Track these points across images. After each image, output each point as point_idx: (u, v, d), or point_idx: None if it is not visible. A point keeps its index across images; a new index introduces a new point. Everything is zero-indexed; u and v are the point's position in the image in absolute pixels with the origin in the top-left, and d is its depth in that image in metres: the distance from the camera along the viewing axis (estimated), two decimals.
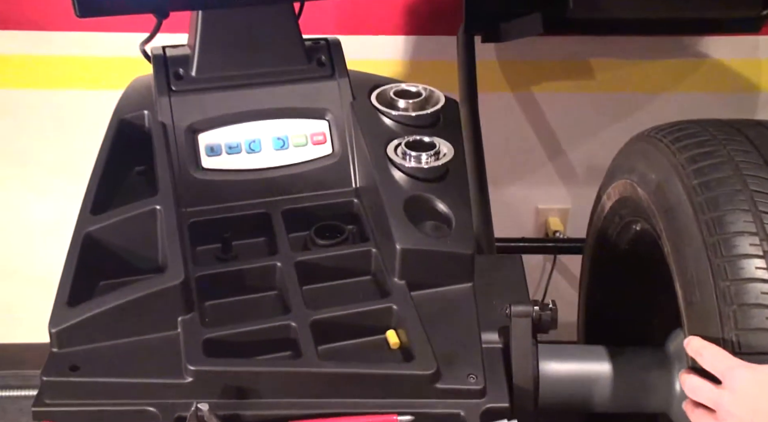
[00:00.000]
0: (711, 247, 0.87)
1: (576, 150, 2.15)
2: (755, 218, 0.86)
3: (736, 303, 0.83)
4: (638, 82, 2.03)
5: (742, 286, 0.83)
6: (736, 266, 0.84)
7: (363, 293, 1.05)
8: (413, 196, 1.08)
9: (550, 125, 2.13)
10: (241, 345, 0.96)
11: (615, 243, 1.27)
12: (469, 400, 0.92)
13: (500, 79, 2.03)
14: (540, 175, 2.19)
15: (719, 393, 0.82)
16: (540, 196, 2.24)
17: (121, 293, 0.96)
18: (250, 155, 1.17)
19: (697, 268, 0.88)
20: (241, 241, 1.12)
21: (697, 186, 0.93)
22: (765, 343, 0.81)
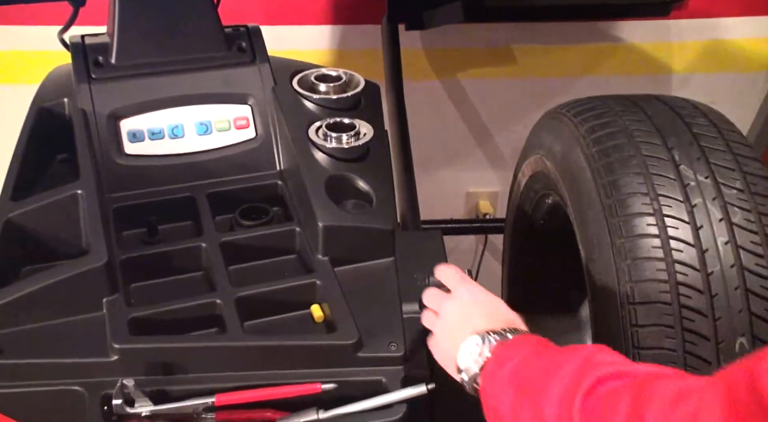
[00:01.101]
0: (608, 208, 0.93)
1: (503, 134, 2.21)
2: (647, 180, 0.93)
3: (630, 257, 0.89)
4: (558, 66, 2.10)
5: (636, 242, 0.89)
6: (630, 224, 0.90)
7: (288, 271, 1.08)
8: (334, 175, 1.11)
9: (477, 111, 2.19)
10: (166, 324, 0.98)
11: (531, 218, 1.33)
12: (390, 367, 0.96)
13: (426, 67, 2.08)
14: (469, 159, 2.25)
15: (445, 300, 0.90)
16: (470, 180, 2.30)
17: (45, 275, 0.96)
18: (174, 140, 1.18)
19: (597, 228, 0.94)
20: (167, 225, 1.14)
21: (595, 153, 0.99)
22: (656, 293, 0.87)
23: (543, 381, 0.73)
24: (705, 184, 0.92)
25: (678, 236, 0.88)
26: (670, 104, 1.07)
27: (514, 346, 0.81)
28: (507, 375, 0.78)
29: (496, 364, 0.80)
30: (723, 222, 0.89)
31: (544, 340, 0.80)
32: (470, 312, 0.88)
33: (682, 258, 0.87)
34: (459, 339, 0.85)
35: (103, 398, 0.92)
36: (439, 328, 0.91)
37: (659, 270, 0.87)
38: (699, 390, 0.58)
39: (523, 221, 1.35)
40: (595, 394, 0.66)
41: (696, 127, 1.00)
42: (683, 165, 0.94)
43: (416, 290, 1.07)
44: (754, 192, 0.91)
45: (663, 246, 0.88)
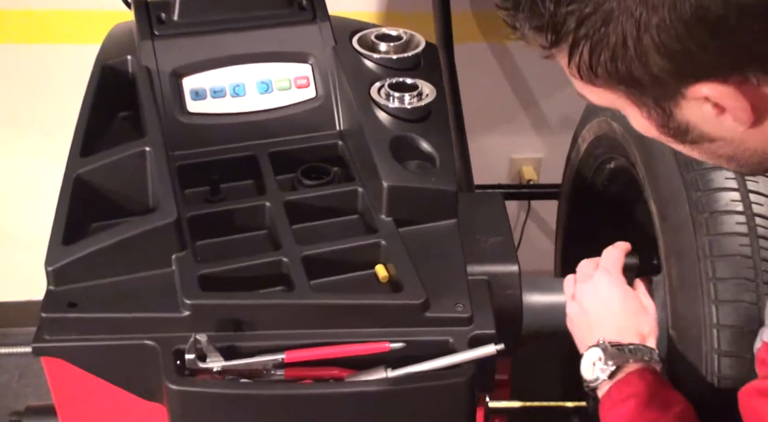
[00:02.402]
0: (683, 163, 0.92)
1: (548, 99, 2.18)
2: None
3: (708, 211, 0.88)
4: None
5: (713, 195, 0.88)
6: (706, 178, 0.89)
7: (351, 231, 1.08)
8: (398, 135, 1.11)
9: (523, 75, 2.16)
10: (234, 281, 0.99)
11: (591, 184, 1.31)
12: (457, 328, 0.96)
13: (474, 29, 2.05)
14: (513, 124, 2.23)
15: (582, 284, 1.00)
16: (514, 145, 2.27)
17: (116, 231, 0.97)
18: (235, 99, 1.18)
19: (671, 184, 0.93)
20: (229, 184, 1.15)
21: None
22: (735, 246, 0.86)
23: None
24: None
25: (757, 189, 0.88)
26: None
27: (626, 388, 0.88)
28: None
29: (609, 403, 0.89)
30: None
31: (647, 386, 0.87)
32: (602, 311, 0.96)
33: (761, 211, 0.86)
34: (586, 339, 0.95)
35: (176, 352, 0.94)
36: (573, 312, 1.00)
37: (738, 223, 0.86)
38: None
39: (581, 188, 1.33)
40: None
41: None
42: None
43: (480, 252, 1.07)
44: None
45: (742, 199, 0.87)
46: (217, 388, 0.92)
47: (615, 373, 0.91)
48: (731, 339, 0.84)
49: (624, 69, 0.60)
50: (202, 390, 0.92)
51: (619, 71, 0.60)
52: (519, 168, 2.32)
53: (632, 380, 0.88)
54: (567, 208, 1.41)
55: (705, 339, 0.86)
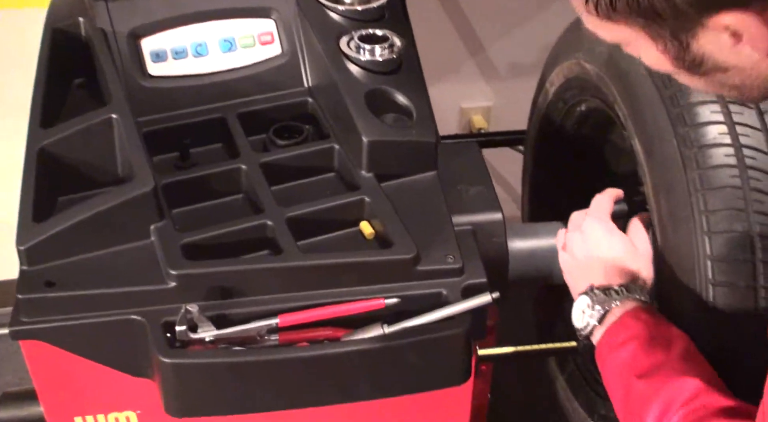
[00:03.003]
0: (668, 99, 0.92)
1: (496, 46, 2.17)
2: None
3: (697, 145, 0.89)
4: None
5: (701, 130, 0.89)
6: (693, 112, 0.90)
7: (331, 189, 1.06)
8: (372, 89, 1.08)
9: (469, 22, 2.13)
10: (218, 248, 0.96)
11: (559, 128, 1.31)
12: (449, 279, 0.96)
13: None
14: (462, 73, 2.21)
15: (572, 233, 1.01)
16: (463, 94, 2.26)
17: (90, 204, 0.93)
18: (198, 59, 1.13)
19: (657, 121, 0.93)
20: (198, 148, 1.10)
21: None
22: (726, 177, 0.87)
23: (646, 399, 0.81)
24: None
25: (744, 121, 0.88)
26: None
27: (623, 332, 0.88)
28: (616, 368, 0.87)
29: (606, 349, 0.89)
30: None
31: (644, 328, 0.87)
32: (590, 258, 0.97)
33: (749, 142, 0.87)
34: (578, 287, 0.96)
35: (165, 325, 0.91)
36: (564, 262, 1.00)
37: (727, 155, 0.87)
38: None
39: (549, 131, 1.33)
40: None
41: None
42: None
43: (463, 202, 1.07)
44: None
45: (729, 132, 0.88)
46: (213, 358, 0.90)
47: (605, 317, 0.91)
48: (725, 270, 0.85)
49: (646, 2, 0.59)
50: (196, 361, 0.90)
51: (640, 5, 0.60)
52: (469, 117, 2.31)
53: (627, 322, 0.89)
54: (534, 153, 1.41)
55: (698, 271, 0.87)
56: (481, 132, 2.27)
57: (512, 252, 1.08)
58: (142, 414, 1.00)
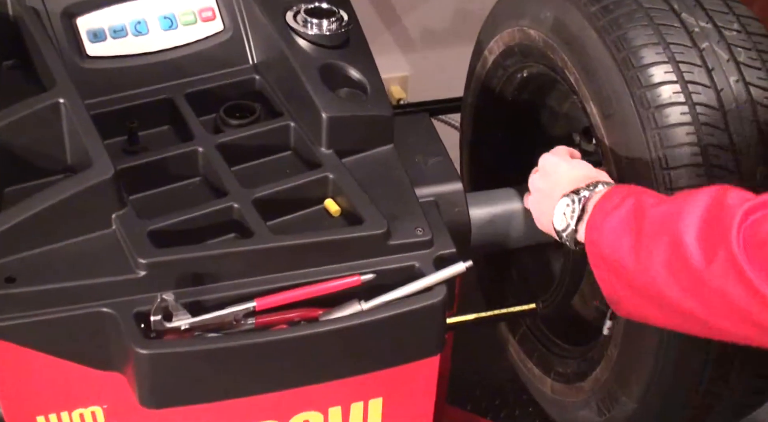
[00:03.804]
0: (622, 62, 0.96)
1: (410, 16, 2.17)
2: (654, 30, 0.96)
3: (653, 105, 0.92)
4: None
5: (656, 90, 0.93)
6: (647, 73, 0.94)
7: (291, 167, 1.05)
8: (325, 64, 1.06)
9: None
10: (186, 233, 0.93)
11: (499, 95, 1.34)
12: (420, 251, 0.97)
13: None
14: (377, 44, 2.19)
15: (532, 175, 1.01)
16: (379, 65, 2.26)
17: (48, 194, 0.88)
18: (138, 38, 1.08)
19: (612, 83, 0.97)
20: (146, 131, 1.06)
21: (596, 12, 1.00)
22: (683, 135, 0.92)
23: (671, 217, 0.76)
24: (707, 28, 0.96)
25: (695, 79, 0.93)
26: None
27: (616, 195, 0.85)
28: (618, 222, 0.82)
29: (601, 215, 0.85)
30: (731, 62, 0.94)
31: (640, 188, 0.85)
32: (553, 180, 0.95)
33: (701, 99, 0.92)
34: (550, 206, 0.93)
35: (137, 316, 0.87)
36: (532, 204, 0.98)
37: (683, 114, 0.92)
38: None
39: (488, 98, 1.36)
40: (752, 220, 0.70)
41: None
42: (684, 13, 0.98)
43: (423, 174, 1.08)
44: (750, 32, 0.97)
45: (683, 90, 0.93)
46: (191, 346, 0.88)
47: (586, 206, 0.89)
48: None
49: None
50: (174, 350, 0.87)
51: None
52: (387, 87, 2.32)
53: (615, 190, 0.87)
54: (472, 120, 1.44)
55: None
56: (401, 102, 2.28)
57: (472, 220, 1.10)
58: (108, 409, 0.97)
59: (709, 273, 0.71)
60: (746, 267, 0.68)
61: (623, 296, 0.84)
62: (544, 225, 0.99)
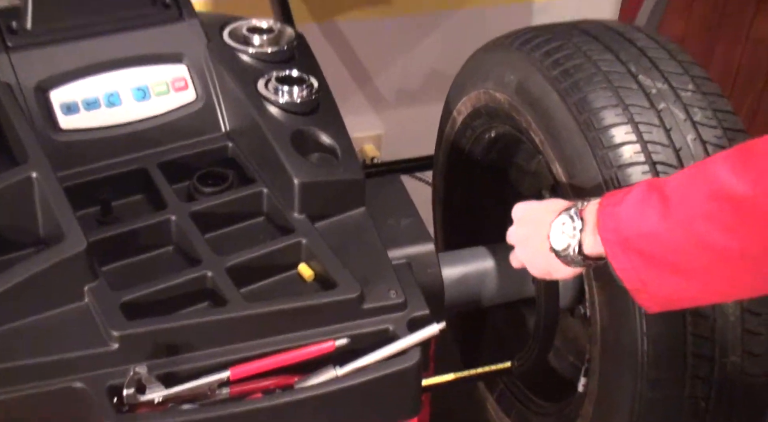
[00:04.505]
0: (584, 124, 0.98)
1: (382, 75, 2.22)
2: (614, 93, 0.99)
3: (615, 165, 0.95)
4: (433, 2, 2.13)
5: (618, 150, 0.95)
6: (608, 135, 0.96)
7: (264, 234, 1.05)
8: (296, 130, 1.08)
9: (355, 53, 2.18)
10: (159, 303, 0.93)
11: (468, 154, 1.36)
12: (394, 314, 0.97)
13: (303, 10, 2.04)
14: (351, 103, 2.25)
15: (509, 230, 0.99)
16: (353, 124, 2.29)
17: (19, 269, 0.88)
18: (111, 109, 1.10)
19: (575, 144, 0.99)
20: (120, 201, 1.07)
21: (558, 75, 1.03)
22: None
23: (694, 173, 0.75)
24: (664, 89, 1.00)
25: (654, 139, 0.96)
26: (605, 24, 1.14)
27: (618, 191, 0.82)
28: (635, 202, 0.79)
29: (611, 207, 0.81)
30: (687, 121, 0.97)
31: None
32: (534, 220, 0.93)
33: (661, 158, 0.95)
34: (542, 238, 0.90)
35: (110, 390, 0.87)
36: (520, 254, 0.96)
37: (644, 173, 0.94)
38: None
39: (458, 157, 1.38)
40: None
41: (639, 41, 1.07)
42: (641, 75, 1.01)
43: (395, 235, 1.09)
44: (705, 92, 1.01)
45: (643, 150, 0.95)
46: (164, 419, 0.87)
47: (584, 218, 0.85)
48: None
49: None
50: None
51: None
52: (361, 146, 2.35)
53: (613, 191, 0.85)
54: (444, 178, 1.46)
55: None
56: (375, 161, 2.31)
57: (445, 280, 1.11)
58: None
59: (757, 197, 0.69)
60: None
61: (651, 277, 0.79)
62: (541, 266, 0.94)
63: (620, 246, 0.80)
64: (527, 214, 0.97)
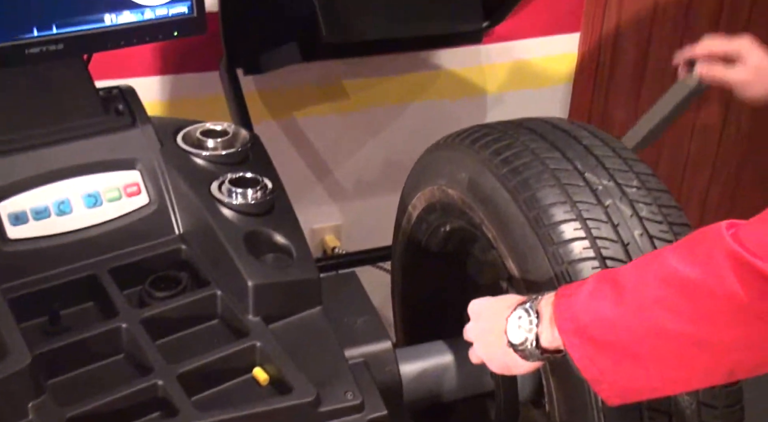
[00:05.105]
0: (533, 220, 0.99)
1: (341, 168, 2.25)
2: (562, 190, 1.01)
3: (566, 261, 0.96)
4: (387, 96, 2.18)
5: (567, 246, 0.96)
6: (558, 231, 0.98)
7: (218, 337, 1.04)
8: (250, 231, 1.08)
9: (314, 148, 2.21)
10: (107, 416, 0.90)
11: (425, 248, 1.37)
12: (351, 417, 0.96)
13: (262, 108, 2.07)
14: (311, 196, 2.27)
15: (467, 327, 0.99)
16: (313, 216, 2.31)
17: None
18: (62, 217, 1.09)
19: (526, 240, 1.00)
20: (70, 310, 1.05)
21: (507, 173, 1.05)
22: None
23: (646, 261, 0.77)
24: (610, 186, 1.02)
25: (602, 235, 0.97)
26: (551, 123, 1.17)
27: (572, 284, 0.84)
28: (589, 292, 0.80)
29: (566, 298, 0.82)
30: (634, 217, 0.99)
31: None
32: (489, 315, 0.94)
33: (610, 254, 0.96)
34: (499, 334, 0.90)
35: None
36: (478, 350, 0.96)
37: (594, 268, 0.95)
38: None
39: (415, 252, 1.39)
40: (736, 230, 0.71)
41: (584, 140, 1.10)
42: (587, 173, 1.03)
43: (352, 334, 1.08)
44: (649, 187, 1.03)
45: (592, 246, 0.96)
46: None
47: (540, 313, 0.86)
48: None
49: None
50: None
51: None
52: (321, 237, 2.36)
53: (566, 285, 0.86)
54: (402, 271, 1.46)
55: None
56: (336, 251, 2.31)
57: (404, 377, 1.10)
58: None
59: (706, 281, 0.71)
60: (751, 258, 0.68)
61: (608, 366, 0.79)
62: (499, 361, 0.93)
63: (577, 335, 0.81)
64: (483, 310, 0.98)
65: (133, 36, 1.11)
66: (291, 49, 1.85)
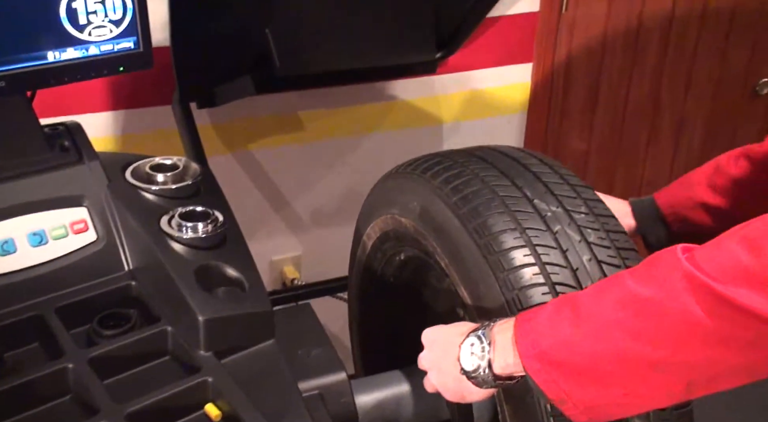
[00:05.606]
0: (484, 247, 1.00)
1: (299, 198, 2.25)
2: (511, 217, 1.02)
3: (516, 287, 0.96)
4: (343, 127, 2.19)
5: (517, 273, 0.97)
6: (508, 258, 0.98)
7: (169, 374, 1.02)
8: (202, 265, 1.07)
9: (271, 179, 2.20)
10: None
11: (381, 277, 1.37)
12: None
13: (216, 141, 2.07)
14: (269, 228, 2.26)
15: (421, 355, 1.00)
16: (273, 247, 2.30)
17: None
18: (5, 257, 1.06)
19: (477, 267, 1.00)
20: (15, 351, 1.02)
21: (457, 201, 1.06)
22: None
23: (603, 285, 0.80)
24: (558, 213, 1.03)
25: (551, 261, 0.98)
26: (500, 151, 1.18)
27: (528, 310, 0.85)
28: (548, 315, 0.82)
29: (523, 322, 0.84)
30: (582, 242, 1.00)
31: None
32: (442, 343, 0.95)
33: (559, 279, 0.96)
34: (452, 361, 0.91)
35: None
36: (433, 378, 0.97)
37: (544, 293, 0.95)
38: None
39: (371, 281, 1.38)
40: (691, 253, 0.73)
41: (533, 167, 1.11)
42: (536, 199, 1.04)
43: (306, 366, 1.07)
44: (597, 213, 1.04)
45: (542, 272, 0.97)
46: None
47: (493, 338, 0.87)
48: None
49: None
50: None
51: None
52: (280, 269, 2.34)
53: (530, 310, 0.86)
54: (359, 301, 1.46)
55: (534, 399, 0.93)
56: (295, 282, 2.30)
57: (360, 408, 1.09)
58: None
59: (662, 301, 0.73)
60: (706, 280, 0.70)
61: (572, 387, 0.80)
62: (453, 389, 0.94)
63: (538, 359, 0.82)
64: (437, 338, 0.98)
65: (78, 72, 1.10)
66: (245, 82, 1.85)
